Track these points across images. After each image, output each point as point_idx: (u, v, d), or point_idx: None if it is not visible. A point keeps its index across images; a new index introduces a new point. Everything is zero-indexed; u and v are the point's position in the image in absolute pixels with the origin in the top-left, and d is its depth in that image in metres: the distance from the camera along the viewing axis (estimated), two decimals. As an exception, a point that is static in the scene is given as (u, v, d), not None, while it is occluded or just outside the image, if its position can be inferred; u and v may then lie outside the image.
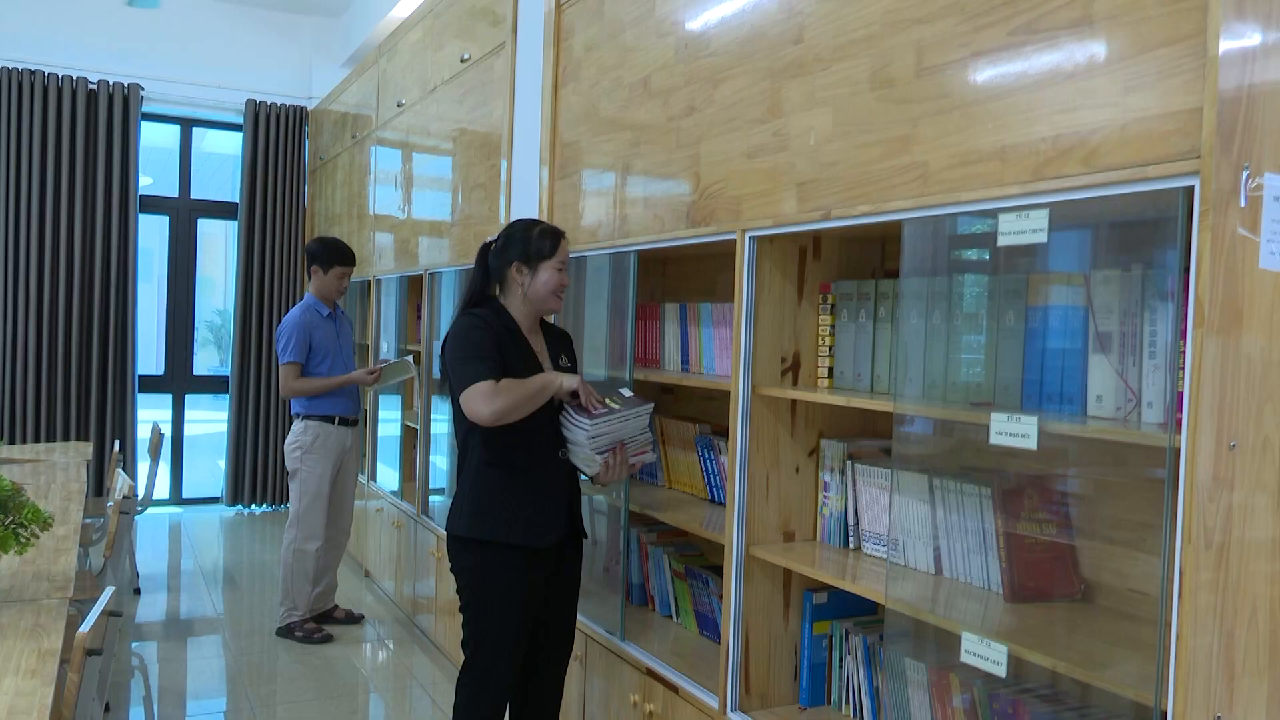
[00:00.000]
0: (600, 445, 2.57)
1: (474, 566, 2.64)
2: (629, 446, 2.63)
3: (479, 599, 2.65)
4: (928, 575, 2.17)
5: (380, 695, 4.09)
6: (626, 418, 2.59)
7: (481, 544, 2.62)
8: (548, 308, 2.72)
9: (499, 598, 2.63)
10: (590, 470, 2.62)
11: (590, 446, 2.56)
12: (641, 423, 2.64)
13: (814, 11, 2.23)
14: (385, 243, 5.69)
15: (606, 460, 2.58)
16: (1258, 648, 1.53)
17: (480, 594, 2.65)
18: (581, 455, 2.60)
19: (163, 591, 5.45)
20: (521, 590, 2.64)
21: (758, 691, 2.51)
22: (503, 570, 2.62)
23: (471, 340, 2.58)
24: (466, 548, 2.65)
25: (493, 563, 2.62)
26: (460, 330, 2.62)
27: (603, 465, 2.58)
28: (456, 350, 2.58)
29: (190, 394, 7.64)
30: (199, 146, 7.69)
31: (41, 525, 2.44)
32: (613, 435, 2.58)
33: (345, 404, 4.70)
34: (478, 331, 2.60)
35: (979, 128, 1.80)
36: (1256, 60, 1.45)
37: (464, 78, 4.42)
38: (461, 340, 2.59)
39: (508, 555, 2.61)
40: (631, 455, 2.65)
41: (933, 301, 2.09)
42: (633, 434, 2.63)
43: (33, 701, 1.87)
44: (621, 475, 2.63)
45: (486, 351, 2.55)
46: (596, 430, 2.54)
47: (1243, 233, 1.45)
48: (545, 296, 2.69)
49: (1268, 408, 1.51)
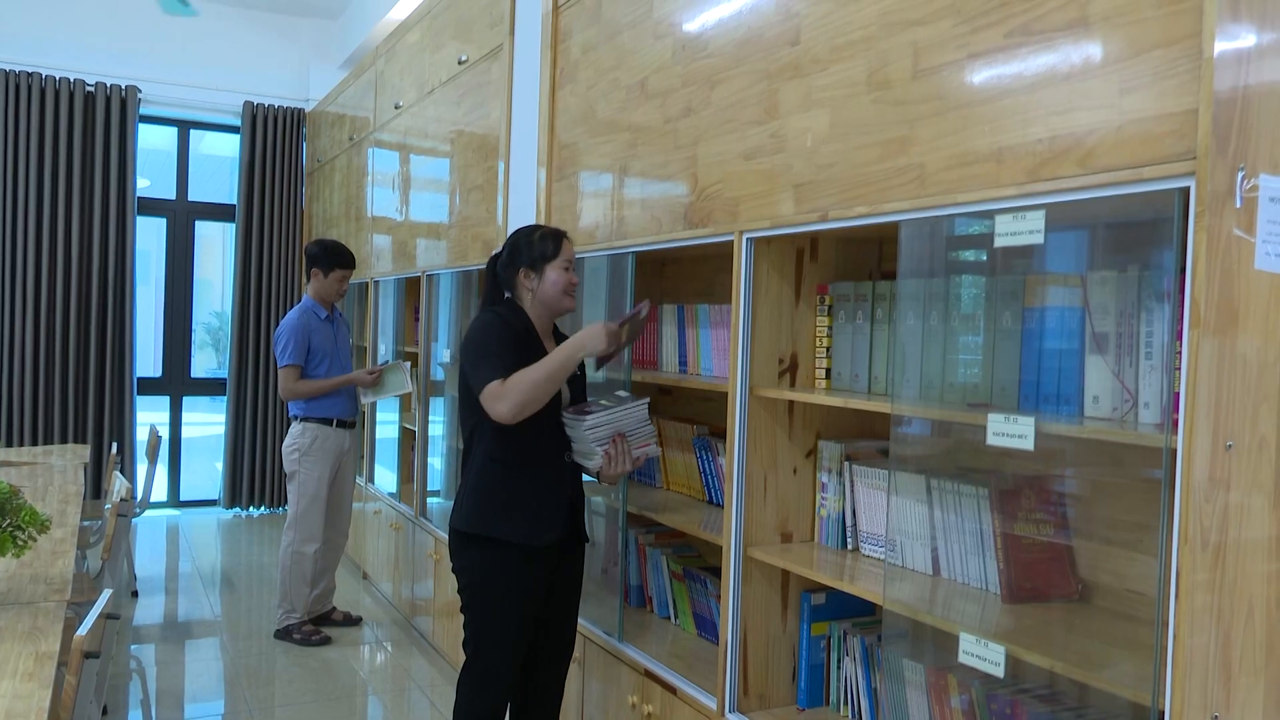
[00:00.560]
0: (599, 437, 2.59)
1: (475, 564, 2.65)
2: (631, 439, 2.64)
3: (479, 597, 2.65)
4: (925, 576, 2.17)
5: (378, 697, 4.09)
6: (622, 410, 2.62)
7: (483, 540, 2.63)
8: (561, 308, 2.72)
9: (499, 595, 2.63)
10: (592, 464, 2.62)
11: (590, 440, 2.58)
12: (640, 415, 2.66)
13: (811, 13, 2.23)
14: (383, 244, 5.69)
15: (608, 451, 2.59)
16: (1254, 647, 1.53)
17: (481, 592, 2.65)
18: (583, 450, 2.63)
19: (160, 594, 5.45)
20: (521, 588, 2.64)
21: (756, 692, 2.52)
22: (503, 568, 2.62)
23: (488, 338, 2.58)
24: (467, 544, 2.66)
25: (493, 559, 2.62)
26: (477, 329, 2.62)
27: (604, 457, 2.59)
28: (471, 351, 2.59)
29: (188, 396, 7.63)
30: (196, 148, 7.68)
31: (39, 528, 2.44)
32: (611, 427, 2.60)
33: (343, 406, 4.70)
34: (494, 329, 2.60)
35: (975, 129, 1.80)
36: (1252, 61, 1.46)
37: (462, 79, 4.42)
38: (477, 339, 2.60)
39: (508, 552, 2.62)
40: (635, 448, 2.65)
41: (930, 302, 2.09)
42: (633, 426, 2.64)
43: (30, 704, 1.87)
44: (626, 468, 2.62)
45: (500, 348, 2.55)
46: (594, 422, 2.57)
47: (1238, 234, 1.46)
48: (556, 297, 2.69)
49: (1263, 408, 1.51)
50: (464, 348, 2.63)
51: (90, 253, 6.87)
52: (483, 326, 2.62)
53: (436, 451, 4.93)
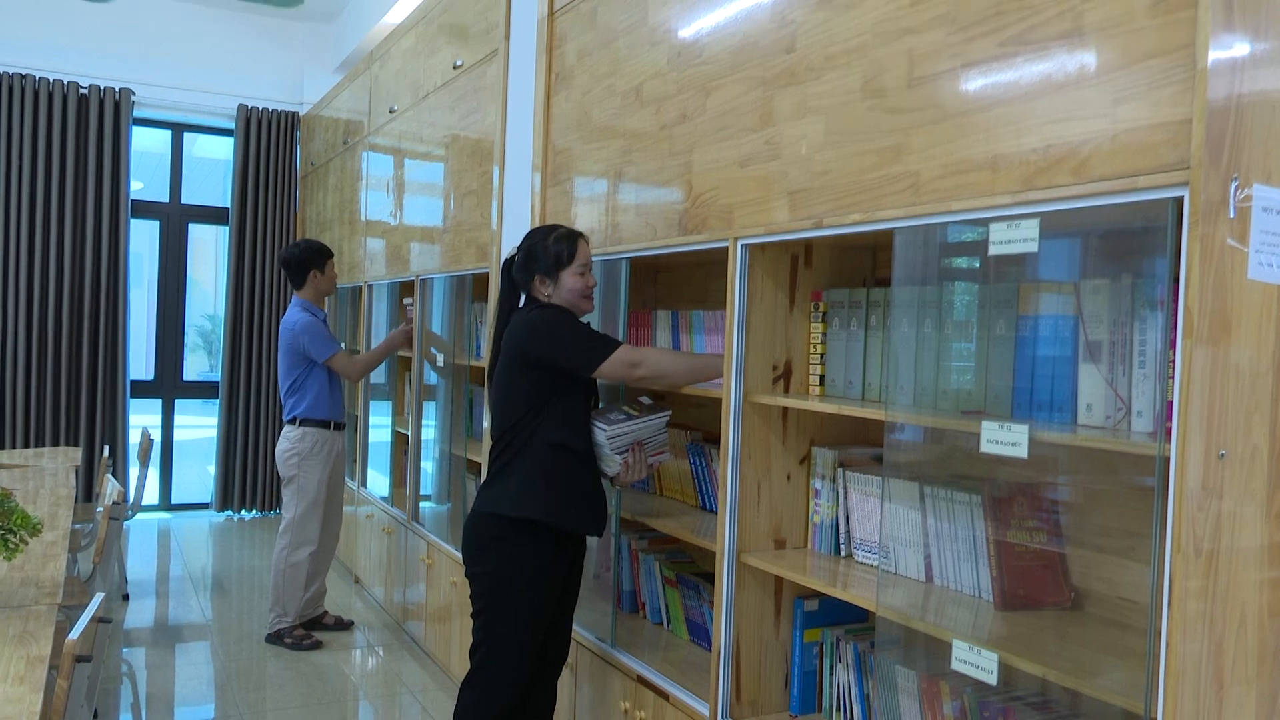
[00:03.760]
0: (619, 445, 2.69)
1: (511, 553, 2.61)
2: (646, 447, 2.74)
3: (506, 591, 2.63)
4: (918, 583, 2.17)
5: (369, 702, 4.08)
6: (645, 423, 2.72)
7: (529, 527, 2.61)
8: (580, 311, 2.75)
9: (527, 589, 2.62)
10: (610, 470, 2.73)
11: (610, 447, 2.68)
12: (659, 425, 2.76)
13: (806, 21, 2.24)
14: (376, 248, 5.68)
15: (626, 459, 2.69)
16: (1246, 656, 1.54)
17: (509, 585, 2.62)
18: (603, 455, 2.71)
19: (152, 597, 5.43)
20: (549, 581, 2.66)
21: (748, 699, 2.51)
22: (539, 557, 2.63)
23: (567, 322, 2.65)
24: (509, 530, 2.62)
25: (533, 549, 2.62)
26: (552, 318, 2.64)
27: (622, 465, 2.69)
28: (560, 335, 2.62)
29: (180, 399, 7.61)
30: (190, 151, 7.67)
31: (30, 531, 2.43)
32: (632, 436, 2.70)
33: (340, 409, 4.71)
34: (566, 316, 2.67)
35: (970, 138, 1.81)
36: (1246, 71, 1.47)
37: (456, 84, 4.42)
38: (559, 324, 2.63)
39: (546, 541, 2.63)
40: (650, 456, 2.75)
41: (924, 310, 2.10)
42: (650, 435, 2.74)
43: (21, 708, 1.86)
44: (640, 475, 2.73)
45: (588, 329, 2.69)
46: (615, 432, 2.67)
47: (1232, 243, 1.46)
48: (575, 302, 2.72)
49: (1256, 417, 1.52)
50: (537, 337, 2.61)
51: (83, 255, 6.85)
52: (555, 317, 2.64)
53: (429, 456, 4.92)
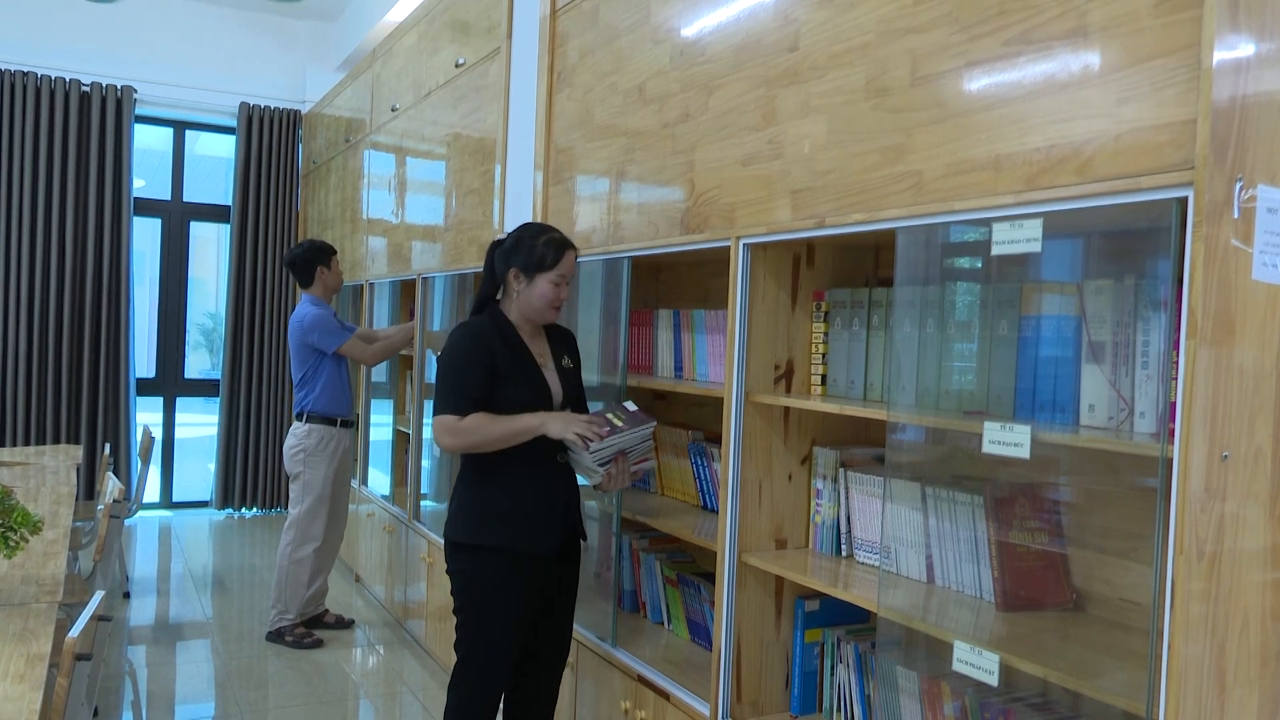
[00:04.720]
0: (602, 458, 2.57)
1: (471, 571, 2.63)
2: (631, 455, 2.63)
3: (474, 602, 2.64)
4: (920, 583, 2.17)
5: (370, 700, 4.08)
6: (627, 435, 2.58)
7: (477, 548, 2.62)
8: (541, 319, 2.69)
9: (494, 602, 2.62)
10: (593, 480, 2.64)
11: (593, 459, 2.55)
12: (644, 435, 2.64)
13: (809, 20, 2.23)
14: (378, 247, 5.68)
15: (609, 470, 2.59)
16: (1249, 658, 1.53)
17: (475, 598, 2.63)
18: (584, 466, 2.61)
19: (152, 595, 5.43)
20: (517, 594, 2.63)
21: (749, 699, 2.51)
22: (498, 575, 2.61)
23: (455, 360, 2.58)
24: (462, 552, 2.64)
25: (491, 567, 2.61)
26: (450, 347, 2.62)
27: (605, 475, 2.59)
28: (440, 371, 2.60)
29: (181, 397, 7.61)
30: (192, 149, 7.67)
31: (31, 529, 2.42)
32: (615, 448, 2.58)
33: (346, 405, 4.71)
34: (463, 348, 2.59)
35: (973, 137, 1.80)
36: (1250, 72, 1.46)
37: (458, 83, 4.42)
38: (446, 361, 2.60)
39: (506, 560, 2.60)
40: (633, 464, 2.65)
41: (926, 310, 2.10)
42: (634, 444, 2.63)
43: (21, 706, 1.86)
44: (624, 483, 2.65)
45: (466, 375, 2.55)
46: (598, 447, 2.53)
47: (1236, 244, 1.46)
48: (539, 309, 2.66)
49: (1260, 418, 1.51)
50: (438, 363, 2.63)
51: (85, 253, 6.85)
52: (454, 346, 2.60)
53: (430, 454, 4.92)
